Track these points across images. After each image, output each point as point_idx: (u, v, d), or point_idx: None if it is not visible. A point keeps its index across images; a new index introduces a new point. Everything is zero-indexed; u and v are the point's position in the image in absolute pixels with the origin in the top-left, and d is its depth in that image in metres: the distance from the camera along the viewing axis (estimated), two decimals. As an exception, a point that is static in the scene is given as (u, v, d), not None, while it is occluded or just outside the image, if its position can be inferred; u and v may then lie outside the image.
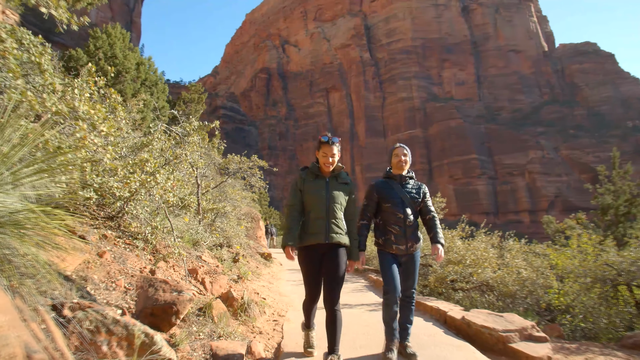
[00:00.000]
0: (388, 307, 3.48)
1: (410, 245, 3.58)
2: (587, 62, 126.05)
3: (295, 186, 3.48)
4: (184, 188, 5.09)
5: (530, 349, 3.78)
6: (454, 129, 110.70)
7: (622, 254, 5.82)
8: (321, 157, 3.42)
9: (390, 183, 3.77)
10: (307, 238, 3.30)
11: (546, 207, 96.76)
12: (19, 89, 2.82)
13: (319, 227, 3.27)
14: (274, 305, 5.65)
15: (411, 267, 3.66)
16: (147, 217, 4.34)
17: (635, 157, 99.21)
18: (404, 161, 3.77)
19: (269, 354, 3.77)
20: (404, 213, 3.59)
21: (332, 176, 3.46)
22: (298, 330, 4.32)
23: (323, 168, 3.43)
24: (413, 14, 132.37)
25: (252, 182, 9.44)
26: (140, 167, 3.75)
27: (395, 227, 3.57)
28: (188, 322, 3.63)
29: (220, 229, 7.25)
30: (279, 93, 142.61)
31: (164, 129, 5.63)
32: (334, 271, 3.27)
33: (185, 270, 4.49)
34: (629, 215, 14.31)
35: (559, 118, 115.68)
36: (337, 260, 3.30)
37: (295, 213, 3.39)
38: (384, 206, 3.68)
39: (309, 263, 3.32)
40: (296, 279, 8.98)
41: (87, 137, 2.85)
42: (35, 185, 2.37)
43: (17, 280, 2.01)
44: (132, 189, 3.60)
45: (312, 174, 3.46)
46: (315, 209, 3.32)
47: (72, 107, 2.91)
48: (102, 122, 3.09)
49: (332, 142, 3.42)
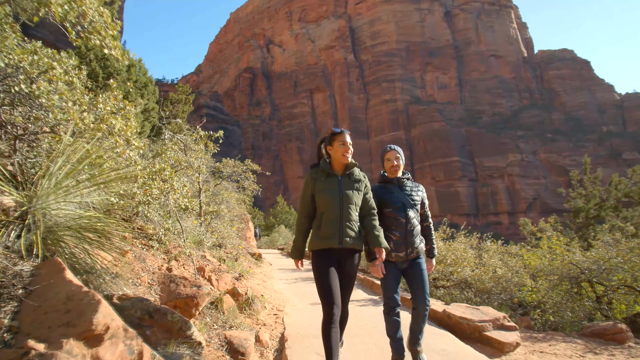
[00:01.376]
0: (389, 318, 3.43)
1: (410, 251, 3.43)
2: (564, 68, 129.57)
3: (307, 189, 3.23)
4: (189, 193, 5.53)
5: (502, 336, 4.35)
6: (436, 132, 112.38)
7: (585, 254, 6.48)
8: (339, 148, 3.16)
9: (388, 187, 3.60)
10: (320, 242, 3.08)
11: (525, 209, 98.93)
12: (65, 109, 3.24)
13: (333, 230, 3.02)
14: (272, 301, 6.13)
15: (418, 275, 3.45)
16: (159, 219, 4.77)
17: (609, 161, 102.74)
18: (397, 166, 3.61)
19: (274, 342, 4.26)
20: (406, 217, 3.44)
21: (345, 174, 3.20)
22: (298, 323, 4.80)
23: (341, 161, 3.19)
24: (397, 18, 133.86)
25: (245, 185, 9.89)
26: (158, 174, 4.18)
27: (396, 232, 3.42)
28: (202, 314, 4.08)
29: (217, 231, 7.68)
30: (263, 93, 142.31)
31: (170, 136, 6.05)
32: (348, 279, 3.12)
33: (194, 269, 4.93)
34: (598, 217, 15.18)
35: (538, 122, 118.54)
36: (351, 265, 3.13)
37: (305, 221, 3.22)
38: (385, 211, 3.49)
39: (321, 267, 3.07)
40: (288, 277, 9.46)
41: (125, 152, 3.28)
42: (83, 194, 2.81)
43: (85, 276, 2.45)
44: (154, 195, 4.03)
45: (323, 172, 3.19)
46: (328, 210, 3.07)
47: (109, 124, 3.34)
48: (134, 137, 3.52)
49: (346, 131, 3.27)
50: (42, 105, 3.28)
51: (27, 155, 3.23)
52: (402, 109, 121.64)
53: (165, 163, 4.50)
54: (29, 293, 1.88)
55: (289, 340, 4.11)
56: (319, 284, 3.06)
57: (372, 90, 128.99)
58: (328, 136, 3.31)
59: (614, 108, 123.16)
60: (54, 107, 3.08)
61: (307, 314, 5.48)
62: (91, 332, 1.69)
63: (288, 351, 3.79)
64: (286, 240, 29.09)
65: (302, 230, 3.24)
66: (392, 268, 3.46)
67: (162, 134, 6.55)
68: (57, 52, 3.54)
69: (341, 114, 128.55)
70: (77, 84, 3.68)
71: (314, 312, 5.53)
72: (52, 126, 3.30)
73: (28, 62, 2.89)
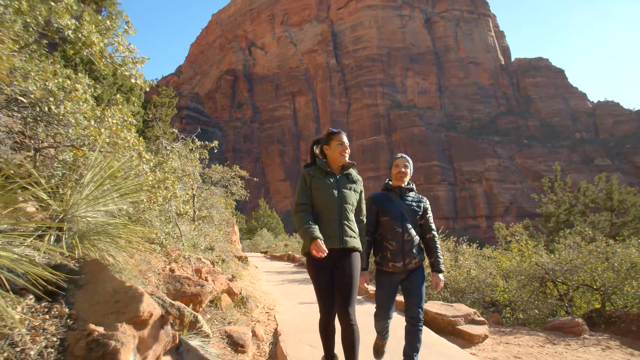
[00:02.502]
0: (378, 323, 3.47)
1: (408, 261, 3.34)
2: (539, 76, 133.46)
3: (303, 184, 3.11)
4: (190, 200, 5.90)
5: (472, 329, 4.87)
6: (416, 136, 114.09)
7: (550, 256, 7.08)
8: (337, 148, 3.14)
9: (389, 195, 3.55)
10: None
11: (502, 213, 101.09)
12: (86, 126, 3.61)
13: (332, 230, 2.95)
14: (262, 300, 6.53)
15: (413, 284, 3.36)
16: (160, 224, 5.13)
17: (582, 167, 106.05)
18: (404, 173, 3.55)
19: (269, 336, 4.68)
20: (402, 227, 3.36)
21: (343, 174, 3.18)
22: (289, 320, 5.23)
23: (338, 160, 3.15)
24: (379, 23, 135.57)
25: (233, 191, 10.26)
26: (162, 183, 4.56)
27: (392, 242, 3.34)
28: (204, 311, 4.47)
29: (209, 235, 8.05)
30: (244, 95, 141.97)
31: (166, 144, 6.42)
32: (349, 280, 2.96)
33: (192, 270, 5.31)
34: (567, 222, 16.02)
35: (514, 128, 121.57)
36: (351, 267, 3.00)
37: (308, 211, 3.03)
38: (382, 220, 3.44)
39: (321, 270, 2.98)
40: (274, 279, 9.86)
41: (140, 164, 3.66)
42: (108, 203, 3.20)
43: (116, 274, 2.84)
44: (158, 202, 4.40)
45: (321, 170, 3.12)
46: (326, 209, 3.01)
47: (123, 139, 3.71)
48: (144, 150, 3.89)
49: (342, 131, 3.26)
50: (61, 121, 3.65)
51: (51, 166, 3.60)
52: (383, 113, 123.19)
53: (168, 172, 4.88)
54: (80, 287, 2.28)
55: (282, 335, 4.54)
56: (315, 284, 3.00)
57: (353, 94, 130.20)
58: (324, 136, 3.27)
59: (587, 116, 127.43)
60: (76, 124, 3.45)
61: (296, 311, 5.90)
62: (139, 317, 2.10)
63: (282, 344, 4.21)
64: (269, 244, 29.32)
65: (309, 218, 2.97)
66: (388, 280, 3.40)
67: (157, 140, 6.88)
68: (73, 72, 3.90)
69: (323, 117, 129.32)
70: (90, 101, 4.05)
71: (303, 310, 5.96)
72: (72, 140, 3.66)
73: (55, 85, 3.26)
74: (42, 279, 2.10)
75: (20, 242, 2.36)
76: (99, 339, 1.90)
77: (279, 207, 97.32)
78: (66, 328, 2.03)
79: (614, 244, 6.92)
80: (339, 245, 2.95)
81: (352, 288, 2.95)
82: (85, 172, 3.13)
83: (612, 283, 6.35)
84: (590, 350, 4.68)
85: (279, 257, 18.77)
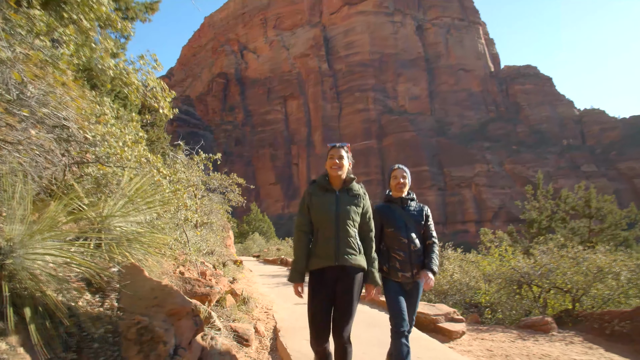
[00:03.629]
0: (398, 343, 3.20)
1: (416, 272, 3.40)
2: (528, 83, 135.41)
3: (302, 203, 3.14)
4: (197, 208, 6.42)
5: (451, 326, 5.44)
6: (407, 141, 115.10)
7: (525, 261, 7.69)
8: (327, 161, 3.13)
9: (391, 207, 3.60)
10: (315, 261, 2.98)
11: (491, 218, 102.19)
12: (110, 143, 4.12)
13: (329, 247, 2.92)
14: (260, 301, 7.04)
15: (415, 296, 3.46)
16: (169, 231, 5.62)
17: (569, 172, 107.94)
18: (403, 184, 3.59)
19: (269, 333, 5.20)
20: (408, 237, 3.41)
21: (344, 189, 3.11)
22: (286, 319, 5.75)
23: (331, 175, 3.11)
24: (371, 29, 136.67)
25: (230, 198, 10.76)
26: (174, 194, 5.06)
27: (400, 252, 3.39)
28: (212, 309, 4.97)
29: (210, 240, 8.54)
30: (236, 98, 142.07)
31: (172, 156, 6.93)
32: (346, 299, 2.90)
33: (197, 273, 5.80)
34: (549, 228, 16.72)
35: (504, 134, 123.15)
36: (349, 286, 2.93)
37: (303, 236, 3.08)
38: (387, 231, 3.49)
39: (316, 289, 2.94)
40: (269, 282, 10.38)
41: (160, 180, 4.16)
42: (138, 214, 3.70)
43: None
44: (171, 211, 4.90)
45: (321, 187, 3.10)
46: (323, 227, 2.97)
47: (145, 157, 4.22)
48: (162, 166, 4.39)
49: (340, 146, 3.17)
50: (89, 140, 4.15)
51: (81, 181, 4.09)
52: (374, 118, 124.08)
53: (177, 184, 5.39)
54: (124, 286, 2.78)
55: (282, 331, 5.06)
56: (309, 306, 2.97)
57: (345, 99, 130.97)
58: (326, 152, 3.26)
59: (574, 123, 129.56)
60: (105, 144, 3.96)
61: (293, 311, 6.42)
62: (175, 310, 2.61)
63: (282, 339, 4.73)
64: (260, 248, 29.73)
65: (302, 247, 3.08)
66: (398, 289, 3.41)
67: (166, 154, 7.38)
68: (97, 95, 4.41)
69: (314, 121, 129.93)
70: (111, 120, 4.55)
71: (298, 310, 6.48)
72: (99, 157, 4.16)
73: (89, 110, 3.76)
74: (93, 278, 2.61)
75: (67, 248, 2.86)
76: (147, 326, 2.42)
77: (269, 211, 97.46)
78: (117, 318, 2.54)
79: (583, 250, 7.54)
80: (334, 263, 2.90)
81: (350, 306, 2.90)
82: (116, 186, 3.64)
83: (580, 286, 6.97)
84: (555, 344, 5.27)
85: (271, 261, 19.24)
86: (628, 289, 7.02)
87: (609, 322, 5.80)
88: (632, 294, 6.99)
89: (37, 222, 2.38)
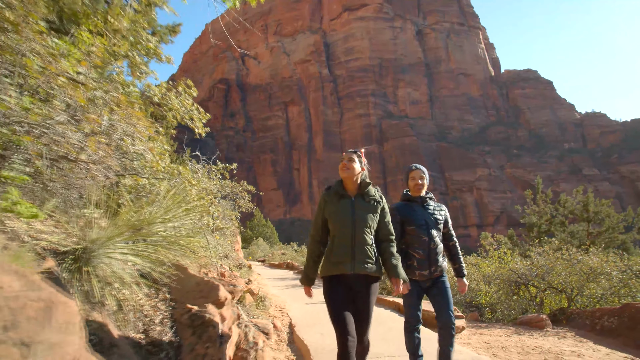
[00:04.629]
0: (410, 336, 3.49)
1: (434, 269, 3.44)
2: (528, 87, 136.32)
3: (318, 211, 3.12)
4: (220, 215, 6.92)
5: (453, 322, 5.89)
6: (408, 146, 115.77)
7: (522, 263, 8.16)
8: (340, 168, 3.09)
9: (411, 205, 3.64)
10: (331, 268, 2.95)
11: (493, 222, 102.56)
12: (148, 157, 4.61)
13: (344, 255, 2.89)
14: (274, 301, 7.52)
15: (442, 293, 3.47)
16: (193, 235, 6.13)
17: (570, 176, 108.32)
18: (422, 185, 3.63)
19: (285, 328, 5.67)
20: (428, 236, 3.47)
21: (359, 194, 3.06)
22: (300, 316, 6.21)
23: (343, 178, 3.07)
24: (370, 35, 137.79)
25: (240, 204, 11.26)
26: (199, 202, 5.54)
27: (419, 250, 3.45)
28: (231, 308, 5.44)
29: (225, 244, 9.02)
30: (237, 104, 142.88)
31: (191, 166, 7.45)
32: (363, 308, 2.93)
33: (217, 274, 6.28)
34: (548, 232, 17.16)
35: (504, 138, 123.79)
36: (366, 295, 2.94)
37: (316, 246, 3.11)
38: (408, 229, 3.53)
39: (335, 296, 2.92)
40: (279, 284, 10.85)
41: (190, 191, 4.64)
42: (174, 221, 4.18)
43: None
44: (196, 218, 5.39)
45: (336, 194, 3.05)
46: (339, 234, 2.94)
47: (177, 169, 4.71)
48: (191, 177, 4.88)
49: (352, 151, 3.15)
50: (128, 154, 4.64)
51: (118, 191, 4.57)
52: (375, 123, 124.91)
53: (202, 192, 5.88)
54: (173, 281, 3.26)
55: (297, 326, 5.53)
56: (331, 313, 2.90)
57: (345, 104, 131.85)
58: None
59: (574, 126, 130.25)
60: (142, 158, 4.45)
61: (305, 310, 6.89)
62: (218, 300, 3.09)
63: (298, 333, 5.20)
64: (265, 253, 30.14)
65: (313, 256, 3.12)
66: (415, 286, 3.47)
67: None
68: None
69: (315, 127, 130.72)
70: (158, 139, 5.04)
71: (310, 309, 6.94)
72: (136, 169, 4.65)
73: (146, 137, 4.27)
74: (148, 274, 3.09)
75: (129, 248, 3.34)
76: (197, 313, 2.90)
77: (271, 216, 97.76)
78: (171, 307, 3.02)
79: (576, 252, 8.01)
80: (350, 271, 2.88)
81: (367, 315, 2.92)
82: (155, 196, 4.12)
83: (574, 286, 7.42)
84: (548, 338, 5.72)
85: (277, 265, 19.69)
86: (619, 289, 7.48)
87: (599, 318, 6.25)
88: (623, 293, 7.43)
89: (106, 228, 2.87)
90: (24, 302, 1.10)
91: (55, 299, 1.22)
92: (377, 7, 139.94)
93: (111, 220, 2.96)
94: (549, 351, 4.89)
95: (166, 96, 4.24)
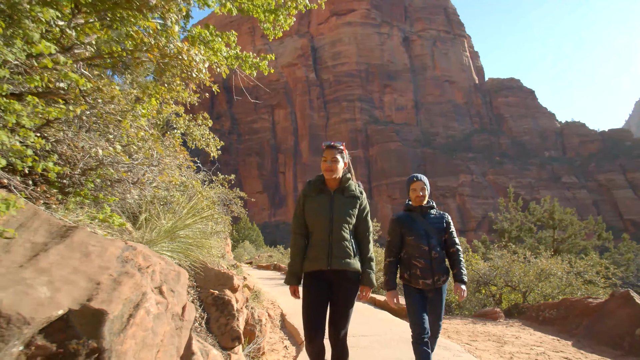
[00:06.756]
0: (418, 348, 3.28)
1: (437, 278, 3.42)
2: (511, 96, 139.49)
3: (297, 206, 3.11)
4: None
5: (419, 313, 6.99)
6: (393, 151, 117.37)
7: (484, 264, 9.31)
8: (322, 163, 3.02)
9: (412, 215, 3.64)
10: (308, 263, 2.96)
11: (475, 227, 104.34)
12: (167, 170, 5.59)
13: (321, 250, 2.88)
14: (266, 296, 8.52)
15: (438, 302, 3.48)
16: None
17: (550, 184, 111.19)
18: (422, 196, 3.61)
19: (277, 317, 6.69)
20: (428, 245, 3.47)
21: (339, 189, 3.02)
22: (290, 307, 7.24)
23: (326, 177, 3.02)
24: (358, 40, 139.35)
25: (233, 209, 12.24)
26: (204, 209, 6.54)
27: (421, 260, 3.44)
28: (233, 298, 6.43)
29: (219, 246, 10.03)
30: (223, 107, 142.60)
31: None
32: (340, 303, 2.89)
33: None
34: (518, 238, 18.46)
35: (487, 145, 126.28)
36: (343, 290, 2.91)
37: (299, 239, 3.07)
38: (408, 239, 3.55)
39: (310, 289, 2.96)
40: (268, 283, 11.86)
41: (202, 201, 5.63)
42: (190, 227, 5.18)
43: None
44: (203, 223, 6.38)
45: (315, 188, 3.03)
46: (317, 229, 2.94)
47: (190, 183, 5.70)
48: (202, 189, 5.87)
49: (334, 146, 3.06)
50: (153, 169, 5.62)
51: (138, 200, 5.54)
52: (360, 128, 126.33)
53: (207, 200, 6.87)
54: (197, 272, 4.26)
55: (287, 315, 6.56)
56: (302, 312, 2.96)
57: (332, 108, 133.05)
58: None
59: (555, 135, 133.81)
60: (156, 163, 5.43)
61: (294, 303, 7.70)
62: (234, 287, 4.10)
63: (289, 319, 6.24)
64: (251, 256, 30.97)
65: (298, 250, 3.06)
66: (420, 296, 3.44)
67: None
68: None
69: (301, 130, 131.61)
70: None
71: (299, 302, 7.90)
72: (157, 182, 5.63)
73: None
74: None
75: (167, 246, 4.32)
76: (218, 295, 3.91)
77: (256, 219, 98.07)
78: (197, 291, 4.02)
79: (530, 255, 9.20)
80: (327, 267, 2.87)
81: (345, 310, 2.89)
82: (176, 206, 5.12)
83: (527, 284, 8.59)
84: (497, 327, 6.85)
85: (264, 266, 20.62)
86: (565, 287, 8.68)
87: (542, 311, 7.40)
88: (568, 291, 8.63)
89: (152, 231, 3.87)
90: (168, 270, 2.11)
91: (181, 270, 2.24)
92: (365, 13, 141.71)
93: (153, 225, 3.95)
94: (494, 334, 6.00)
95: (189, 127, 5.22)
